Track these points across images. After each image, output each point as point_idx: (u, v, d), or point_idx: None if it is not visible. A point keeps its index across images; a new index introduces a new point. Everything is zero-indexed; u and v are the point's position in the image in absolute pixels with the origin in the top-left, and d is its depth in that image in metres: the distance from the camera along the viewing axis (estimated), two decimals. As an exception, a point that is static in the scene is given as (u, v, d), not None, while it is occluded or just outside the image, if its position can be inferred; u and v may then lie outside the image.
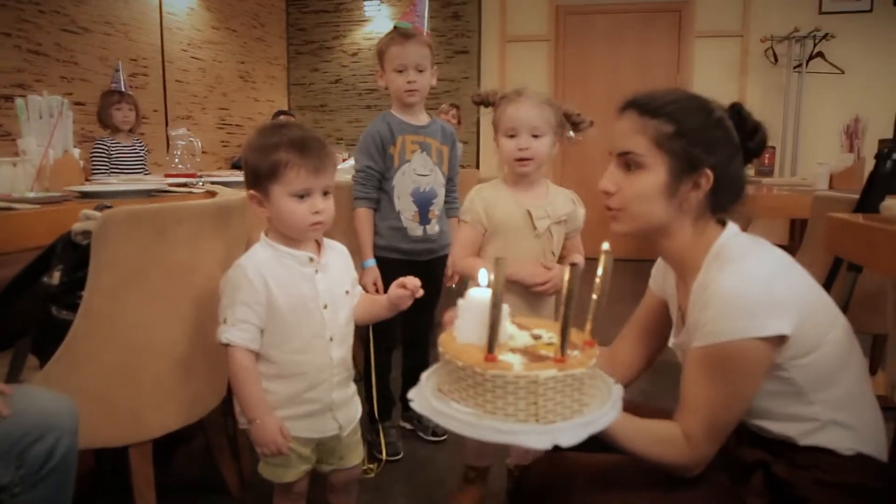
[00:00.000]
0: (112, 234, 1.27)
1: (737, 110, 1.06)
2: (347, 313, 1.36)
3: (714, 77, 5.58)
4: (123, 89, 3.76)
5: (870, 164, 2.97)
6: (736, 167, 1.04)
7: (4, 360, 1.36)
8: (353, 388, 1.41)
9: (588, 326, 0.83)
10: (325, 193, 1.26)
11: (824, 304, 1.01)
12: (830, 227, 1.42)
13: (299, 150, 1.22)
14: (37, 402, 1.09)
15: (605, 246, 0.83)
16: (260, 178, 1.23)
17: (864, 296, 1.92)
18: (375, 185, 2.03)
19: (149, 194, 2.06)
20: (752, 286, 0.93)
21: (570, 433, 0.73)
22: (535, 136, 1.57)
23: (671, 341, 1.15)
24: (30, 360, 1.37)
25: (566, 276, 0.77)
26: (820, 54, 5.32)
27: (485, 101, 1.67)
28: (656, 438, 0.96)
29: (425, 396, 0.80)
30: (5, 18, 3.60)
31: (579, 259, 1.70)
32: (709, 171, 1.00)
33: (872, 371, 2.38)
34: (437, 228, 2.08)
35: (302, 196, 1.23)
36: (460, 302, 0.82)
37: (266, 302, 1.24)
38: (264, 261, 1.26)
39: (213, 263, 1.46)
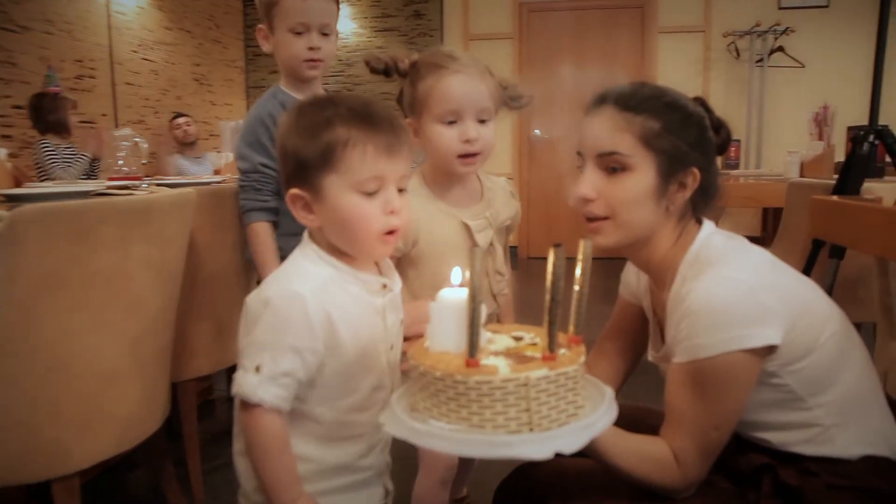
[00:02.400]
0: (22, 237, 1.10)
1: (701, 104, 0.98)
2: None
3: (678, 72, 5.58)
4: (62, 92, 3.64)
5: (840, 152, 2.96)
6: (714, 165, 0.97)
7: None
8: None
9: (572, 322, 0.72)
10: (400, 189, 0.91)
11: (816, 302, 0.92)
12: (815, 210, 1.34)
13: (361, 122, 0.87)
14: None
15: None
16: (307, 169, 0.87)
17: (845, 283, 1.86)
18: (273, 188, 1.52)
19: (85, 197, 1.90)
20: (734, 293, 0.83)
21: (569, 439, 0.63)
22: (482, 121, 1.16)
23: (651, 355, 1.05)
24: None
25: (550, 258, 0.65)
26: (781, 49, 5.37)
27: (390, 69, 1.19)
28: (645, 456, 0.86)
29: (399, 418, 0.68)
30: (-66, 16, 3.38)
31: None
32: (695, 170, 0.92)
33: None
34: None
35: (372, 191, 0.87)
36: (432, 306, 0.70)
37: (326, 348, 0.88)
38: (327, 287, 0.88)
39: (144, 269, 1.31)
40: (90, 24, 4.43)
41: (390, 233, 0.89)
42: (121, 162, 2.63)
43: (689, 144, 0.91)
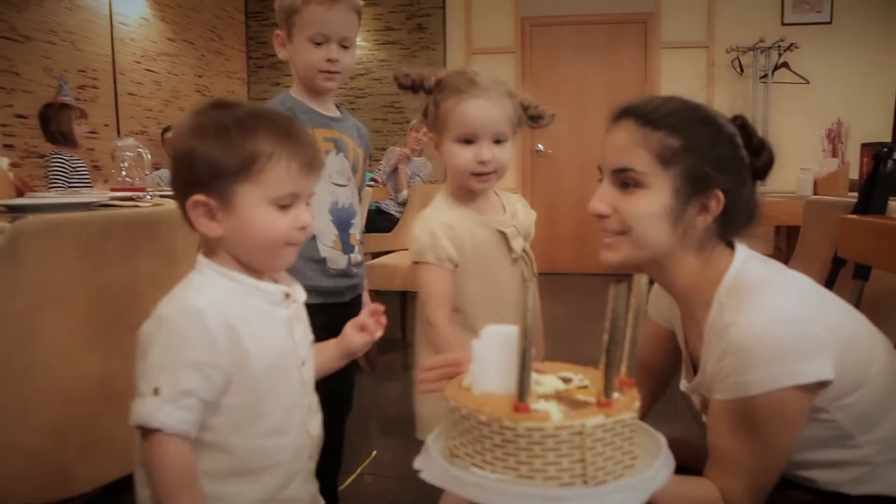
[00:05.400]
0: (24, 250, 1.06)
1: (740, 124, 0.92)
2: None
3: (681, 88, 5.54)
4: (72, 103, 3.61)
5: (854, 169, 2.93)
6: (748, 188, 0.90)
7: None
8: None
9: (624, 363, 0.67)
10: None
11: (862, 331, 0.87)
12: (843, 229, 1.30)
13: (287, 137, 0.85)
14: None
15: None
16: (220, 176, 0.83)
17: (868, 304, 1.82)
18: None
19: (87, 208, 1.85)
20: (782, 325, 0.78)
21: (628, 494, 0.58)
22: (498, 143, 1.21)
23: (683, 385, 0.99)
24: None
25: (610, 295, 0.60)
26: (785, 64, 5.36)
27: (416, 86, 1.25)
28: (693, 500, 0.80)
29: (438, 464, 0.63)
30: (-64, 25, 3.35)
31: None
32: (719, 193, 0.86)
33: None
34: (359, 258, 1.55)
35: (285, 205, 0.86)
36: (475, 343, 0.65)
37: (233, 364, 0.83)
38: (226, 299, 0.85)
39: (151, 286, 1.26)
40: (93, 34, 4.40)
41: (294, 245, 0.88)
42: (124, 173, 2.59)
43: (714, 165, 0.86)
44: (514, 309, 1.16)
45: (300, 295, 0.95)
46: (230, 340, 0.82)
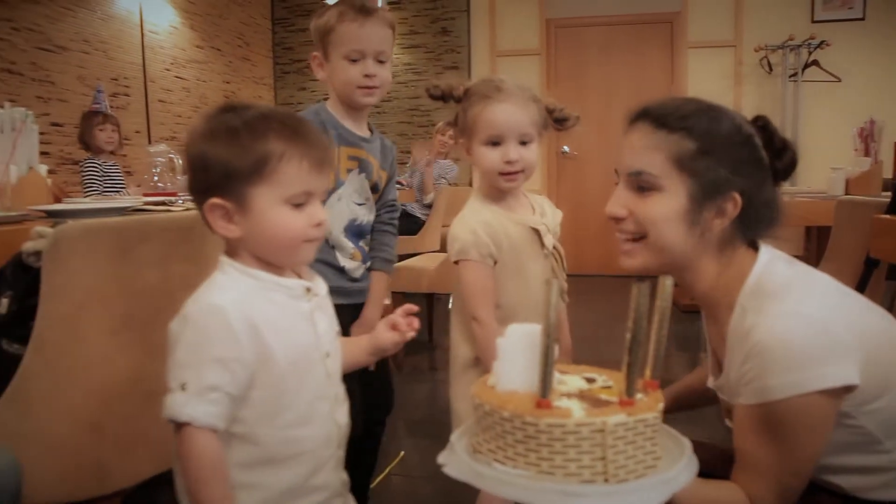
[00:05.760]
0: (66, 254, 1.10)
1: (762, 125, 0.91)
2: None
3: (708, 88, 5.49)
4: (106, 110, 3.67)
5: (888, 168, 2.87)
6: (768, 190, 0.89)
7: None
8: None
9: (649, 365, 0.67)
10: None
11: (890, 333, 0.85)
12: (876, 230, 1.28)
13: (296, 136, 0.87)
14: None
15: None
16: (233, 179, 0.86)
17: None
18: None
19: (122, 213, 1.90)
20: (805, 328, 0.77)
21: (649, 494, 0.58)
22: (524, 143, 1.27)
23: (710, 381, 0.99)
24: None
25: (633, 295, 0.61)
26: (815, 62, 5.27)
27: (446, 96, 1.32)
28: (720, 503, 0.80)
29: (461, 459, 0.64)
30: (-23, 37, 3.46)
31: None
32: (736, 196, 0.85)
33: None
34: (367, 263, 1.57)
35: (299, 203, 0.88)
36: (500, 341, 0.67)
37: (256, 359, 0.86)
38: (247, 297, 0.87)
39: (185, 287, 1.29)
40: (125, 43, 4.51)
41: (312, 241, 0.90)
42: (156, 178, 2.65)
43: (731, 168, 0.85)
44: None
45: (321, 288, 0.98)
46: (252, 336, 0.85)
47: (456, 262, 1.29)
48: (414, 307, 1.02)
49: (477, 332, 1.26)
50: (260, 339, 0.85)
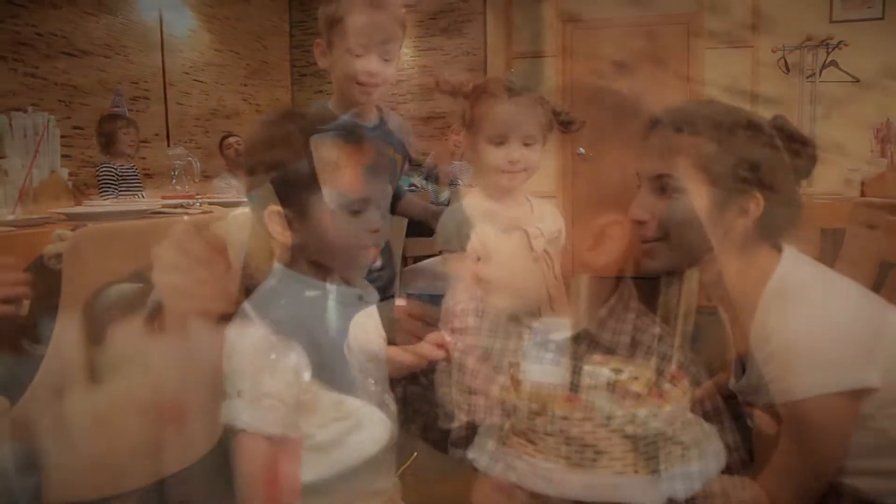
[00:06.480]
0: (85, 256, 1.13)
1: (779, 124, 0.92)
2: None
3: (725, 88, 5.46)
4: (125, 114, 3.73)
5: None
6: (789, 188, 0.90)
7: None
8: None
9: (675, 357, 0.68)
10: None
11: None
12: (892, 232, 1.27)
13: (352, 143, 0.89)
14: None
15: None
16: (291, 186, 0.87)
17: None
18: None
19: (141, 215, 1.94)
20: (827, 331, 0.78)
21: (682, 484, 0.59)
22: (527, 145, 1.28)
23: (732, 383, 0.99)
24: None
25: (662, 287, 0.62)
26: (834, 63, 5.20)
27: (456, 92, 1.32)
28: (740, 501, 0.81)
29: (490, 452, 0.66)
30: (1, 41, 3.53)
31: None
32: (758, 195, 0.86)
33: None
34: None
35: (357, 210, 0.89)
36: (527, 337, 0.68)
37: (311, 366, 0.87)
38: (302, 306, 0.90)
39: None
40: (144, 47, 4.58)
41: (371, 248, 0.91)
42: (174, 181, 2.69)
43: (751, 168, 0.86)
44: (533, 303, 1.27)
45: (373, 297, 0.98)
46: (305, 343, 0.86)
47: (439, 253, 1.32)
48: (444, 338, 1.03)
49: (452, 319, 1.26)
50: (313, 345, 0.86)
